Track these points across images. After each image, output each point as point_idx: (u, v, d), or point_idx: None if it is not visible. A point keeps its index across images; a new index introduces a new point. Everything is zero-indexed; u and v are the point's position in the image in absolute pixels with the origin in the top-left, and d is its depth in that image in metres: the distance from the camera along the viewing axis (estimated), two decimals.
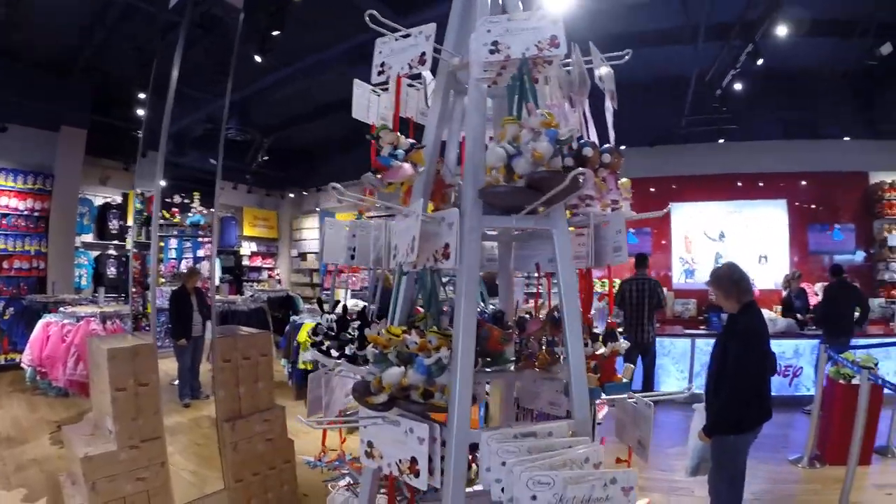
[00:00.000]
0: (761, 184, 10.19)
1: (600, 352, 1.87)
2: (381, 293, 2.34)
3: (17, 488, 4.41)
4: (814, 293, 8.73)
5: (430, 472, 1.55)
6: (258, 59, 7.49)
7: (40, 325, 7.04)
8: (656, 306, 7.06)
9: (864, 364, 4.72)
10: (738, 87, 8.47)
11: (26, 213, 9.93)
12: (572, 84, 2.01)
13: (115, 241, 11.70)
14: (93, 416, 3.95)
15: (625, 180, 2.12)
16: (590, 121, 2.06)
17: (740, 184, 10.28)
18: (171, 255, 11.19)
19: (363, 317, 1.97)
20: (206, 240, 11.31)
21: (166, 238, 10.50)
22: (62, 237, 10.31)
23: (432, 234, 1.62)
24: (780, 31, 6.90)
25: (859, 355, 5.12)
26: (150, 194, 10.54)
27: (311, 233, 16.21)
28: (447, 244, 1.58)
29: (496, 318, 1.99)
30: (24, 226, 9.93)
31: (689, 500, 4.38)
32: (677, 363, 7.50)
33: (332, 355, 2.01)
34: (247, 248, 15.74)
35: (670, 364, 7.48)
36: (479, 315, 1.87)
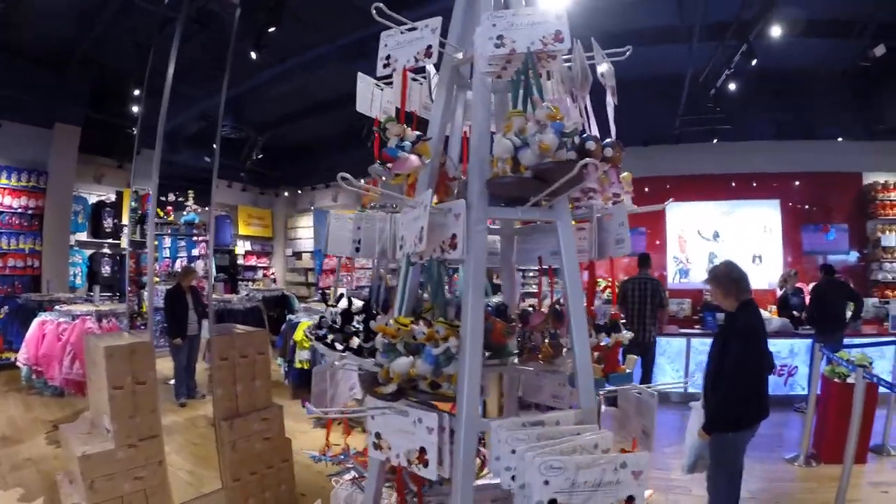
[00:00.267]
0: (755, 184, 10.24)
1: (604, 343, 1.88)
2: (384, 291, 2.34)
3: (14, 488, 4.38)
4: (808, 293, 8.78)
5: (440, 462, 1.56)
6: (254, 55, 7.46)
7: (36, 323, 7.00)
8: (658, 306, 7.09)
9: (860, 363, 4.76)
10: (732, 87, 8.51)
11: (20, 210, 9.87)
12: (574, 79, 2.03)
13: (110, 240, 11.64)
14: (90, 415, 3.92)
15: (626, 174, 2.14)
16: (591, 115, 2.07)
17: (734, 184, 10.32)
18: (166, 254, 11.17)
19: (368, 309, 1.97)
20: (201, 239, 11.29)
21: (160, 237, 10.46)
22: (56, 235, 10.25)
23: (439, 225, 1.63)
24: (775, 31, 6.97)
25: (854, 354, 5.16)
26: (145, 192, 10.55)
27: (305, 231, 16.17)
28: (454, 234, 1.60)
29: (499, 311, 1.99)
30: (17, 224, 9.87)
31: (687, 499, 4.39)
32: (673, 362, 7.53)
33: (337, 348, 2.01)
34: (241, 247, 15.68)
35: (666, 363, 7.50)
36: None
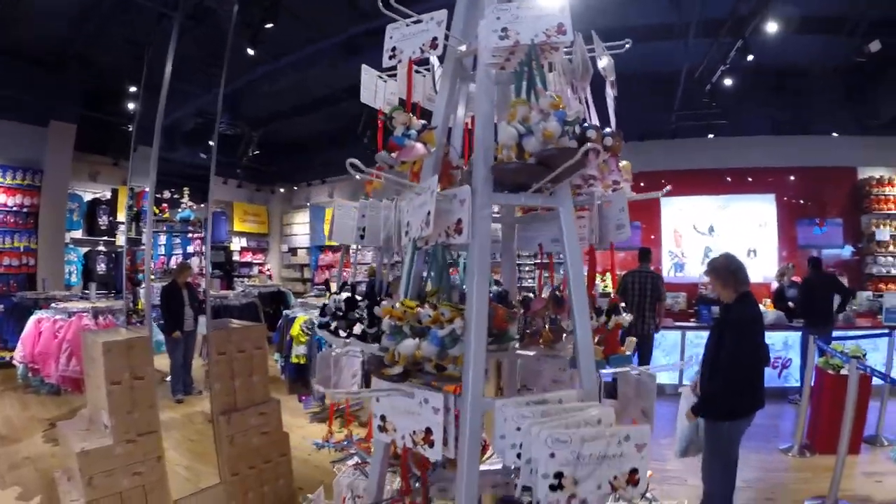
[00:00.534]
0: (750, 178, 10.32)
1: (606, 324, 1.91)
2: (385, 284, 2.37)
3: (12, 487, 4.37)
4: None
5: (445, 443, 1.58)
6: (250, 51, 7.45)
7: (32, 321, 6.98)
8: (657, 299, 7.18)
9: (853, 354, 4.82)
10: (727, 82, 8.54)
11: (15, 209, 9.83)
12: (574, 71, 2.06)
13: (105, 238, 11.60)
14: (87, 412, 3.92)
15: (626, 163, 2.18)
16: (591, 106, 2.11)
17: (729, 178, 10.39)
18: (161, 251, 11.15)
19: (372, 295, 2.00)
20: (196, 236, 11.28)
21: (156, 234, 10.43)
22: (52, 233, 10.22)
23: (444, 211, 1.67)
24: (770, 27, 7.01)
25: (848, 346, 5.21)
26: (140, 189, 10.54)
27: (301, 227, 16.15)
28: (459, 219, 1.63)
29: (501, 297, 2.03)
30: (13, 222, 9.84)
31: (682, 489, 4.41)
32: (668, 355, 7.60)
33: (341, 335, 2.04)
34: (237, 244, 15.65)
35: (661, 356, 7.56)
36: None
